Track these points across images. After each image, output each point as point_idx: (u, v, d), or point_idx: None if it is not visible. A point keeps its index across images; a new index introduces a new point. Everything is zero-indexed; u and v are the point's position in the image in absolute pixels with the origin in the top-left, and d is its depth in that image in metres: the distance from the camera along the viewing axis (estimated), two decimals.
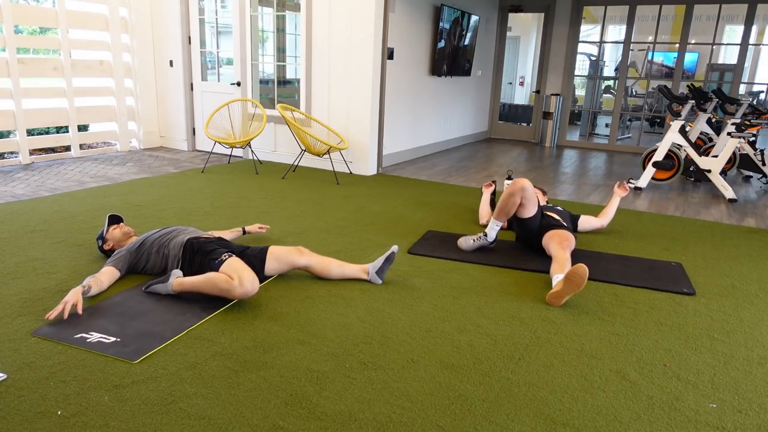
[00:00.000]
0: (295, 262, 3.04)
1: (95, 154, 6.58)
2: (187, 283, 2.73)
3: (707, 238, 4.17)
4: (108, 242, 3.21)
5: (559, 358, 2.37)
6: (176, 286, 2.75)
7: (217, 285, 2.64)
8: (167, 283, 2.78)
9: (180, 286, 2.75)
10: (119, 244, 3.19)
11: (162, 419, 1.87)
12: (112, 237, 3.20)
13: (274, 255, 3.03)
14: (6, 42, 5.51)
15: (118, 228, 3.22)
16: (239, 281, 2.61)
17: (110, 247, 3.21)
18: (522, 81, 12.62)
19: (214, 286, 2.65)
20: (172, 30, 6.80)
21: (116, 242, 3.20)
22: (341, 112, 6.03)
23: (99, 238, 3.26)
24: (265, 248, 3.06)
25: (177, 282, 2.75)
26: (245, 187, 5.24)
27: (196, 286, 2.71)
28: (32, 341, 2.33)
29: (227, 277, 2.64)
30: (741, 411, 2.05)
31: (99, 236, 3.27)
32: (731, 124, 5.72)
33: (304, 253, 3.07)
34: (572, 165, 7.22)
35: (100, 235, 3.26)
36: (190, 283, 2.72)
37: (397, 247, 3.11)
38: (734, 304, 3.00)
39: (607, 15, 8.56)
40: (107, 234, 3.22)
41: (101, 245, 3.25)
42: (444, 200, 5.04)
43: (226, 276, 2.65)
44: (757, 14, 7.77)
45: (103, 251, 3.26)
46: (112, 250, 3.21)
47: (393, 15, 6.15)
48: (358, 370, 2.21)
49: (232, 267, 2.70)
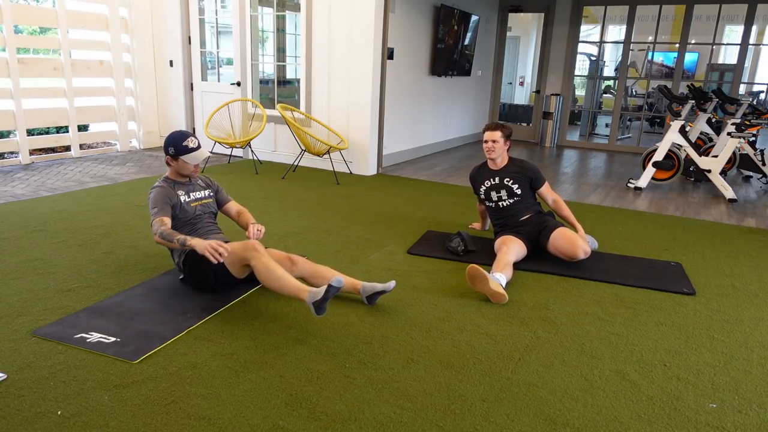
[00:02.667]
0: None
1: (95, 154, 6.57)
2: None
3: (707, 238, 4.17)
4: (172, 167, 2.98)
5: (559, 358, 2.37)
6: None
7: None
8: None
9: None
10: (176, 176, 3.00)
11: (162, 419, 1.87)
12: (180, 167, 2.95)
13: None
14: (6, 42, 5.51)
15: (196, 168, 2.98)
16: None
17: (169, 164, 2.98)
18: (522, 81, 12.62)
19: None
20: (172, 30, 6.80)
21: (176, 171, 2.99)
22: (341, 112, 6.03)
23: (170, 146, 2.92)
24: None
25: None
26: (245, 187, 5.23)
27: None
28: (32, 341, 2.33)
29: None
30: (741, 411, 2.05)
31: (173, 142, 2.91)
32: (731, 124, 5.72)
33: (298, 264, 2.85)
34: (572, 165, 7.22)
35: (179, 144, 2.90)
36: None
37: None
38: (734, 304, 3.00)
39: (607, 15, 8.56)
40: (183, 157, 2.91)
41: (173, 153, 2.92)
42: (444, 200, 5.04)
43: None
44: (757, 14, 7.76)
45: (167, 162, 2.99)
46: (168, 176, 3.01)
47: (393, 15, 6.15)
48: (357, 370, 2.21)
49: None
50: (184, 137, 2.95)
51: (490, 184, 3.59)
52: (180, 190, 2.99)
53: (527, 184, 3.57)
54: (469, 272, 2.91)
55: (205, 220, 3.06)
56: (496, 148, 3.52)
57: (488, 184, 3.60)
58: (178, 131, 2.98)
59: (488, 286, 2.86)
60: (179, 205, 2.96)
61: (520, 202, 3.56)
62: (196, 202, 3.04)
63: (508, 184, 3.55)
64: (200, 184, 3.14)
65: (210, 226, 3.08)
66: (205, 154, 3.00)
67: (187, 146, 2.93)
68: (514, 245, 3.29)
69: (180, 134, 2.95)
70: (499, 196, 3.57)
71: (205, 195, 3.11)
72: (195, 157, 2.95)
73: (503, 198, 3.57)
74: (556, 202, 3.66)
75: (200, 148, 3.00)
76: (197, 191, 3.08)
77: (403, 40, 6.51)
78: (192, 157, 2.95)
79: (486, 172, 3.64)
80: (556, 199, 3.67)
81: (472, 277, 2.91)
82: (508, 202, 3.56)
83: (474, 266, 2.90)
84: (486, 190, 3.62)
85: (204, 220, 3.05)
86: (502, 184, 3.56)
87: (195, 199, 3.04)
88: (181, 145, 2.92)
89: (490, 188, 3.60)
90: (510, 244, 3.30)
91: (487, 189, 3.61)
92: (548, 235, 3.39)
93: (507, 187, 3.55)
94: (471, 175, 3.77)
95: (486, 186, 3.61)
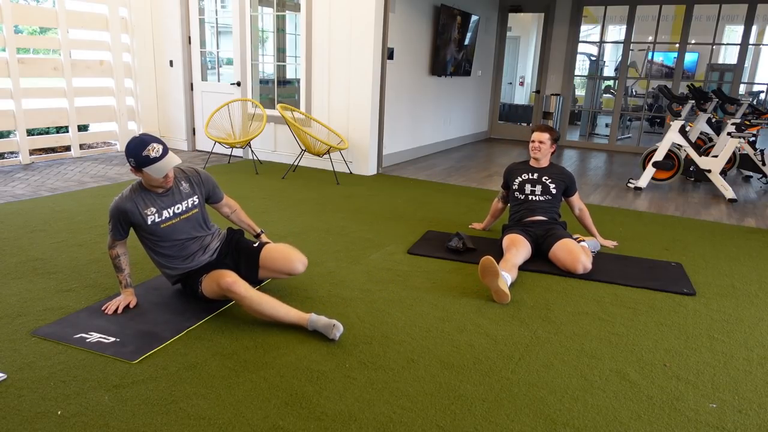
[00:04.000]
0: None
1: (95, 154, 6.57)
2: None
3: (707, 238, 4.17)
4: (140, 174, 2.48)
5: (559, 358, 2.37)
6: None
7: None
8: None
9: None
10: (150, 186, 2.55)
11: (162, 419, 1.87)
12: (147, 179, 2.49)
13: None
14: (6, 42, 5.51)
15: (166, 179, 2.52)
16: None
17: (138, 174, 2.50)
18: (522, 81, 12.62)
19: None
20: (172, 30, 6.80)
21: (148, 183, 2.53)
22: (341, 112, 6.03)
23: (130, 156, 2.43)
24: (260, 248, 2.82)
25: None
26: (245, 187, 5.23)
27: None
28: (32, 341, 2.33)
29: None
30: (741, 411, 2.05)
31: (132, 152, 2.42)
32: (731, 124, 5.72)
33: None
34: (572, 165, 7.22)
35: (138, 154, 2.41)
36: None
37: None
38: (734, 304, 3.00)
39: (607, 15, 8.56)
40: (146, 169, 2.43)
41: (135, 165, 2.45)
42: (444, 200, 5.03)
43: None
44: (757, 14, 7.76)
45: (132, 170, 2.50)
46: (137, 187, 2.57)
47: (393, 15, 6.15)
48: (358, 370, 2.21)
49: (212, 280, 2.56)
50: (144, 145, 2.41)
51: (527, 177, 3.69)
52: (151, 207, 2.54)
53: (562, 187, 3.68)
54: (483, 263, 2.90)
55: (192, 236, 2.67)
56: (542, 148, 3.67)
57: (525, 177, 3.70)
58: (137, 138, 2.44)
59: (496, 282, 2.86)
60: (144, 225, 2.53)
61: (548, 203, 3.63)
62: (174, 219, 2.60)
63: (546, 182, 3.65)
64: (183, 192, 2.65)
65: (197, 243, 2.69)
66: (173, 162, 2.47)
67: (148, 156, 2.41)
68: (522, 249, 3.30)
69: (139, 142, 2.43)
70: (533, 189, 3.66)
71: (188, 206, 2.65)
72: (160, 169, 2.43)
73: (536, 192, 3.65)
74: (582, 211, 3.81)
75: (166, 155, 2.45)
76: (176, 204, 2.61)
77: (403, 40, 6.51)
78: (156, 169, 2.42)
79: (526, 168, 3.75)
80: (582, 208, 3.81)
81: (485, 268, 2.90)
82: (538, 198, 3.64)
83: (490, 258, 2.89)
84: (522, 181, 3.70)
85: (189, 238, 2.66)
86: (540, 180, 3.66)
87: (172, 216, 2.59)
88: (142, 156, 2.41)
89: (526, 181, 3.69)
90: (519, 246, 3.31)
91: (523, 181, 3.70)
92: (552, 243, 3.40)
93: (544, 185, 3.65)
94: (509, 168, 3.85)
95: (523, 178, 3.70)
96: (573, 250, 3.30)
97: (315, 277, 3.13)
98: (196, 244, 2.70)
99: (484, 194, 5.32)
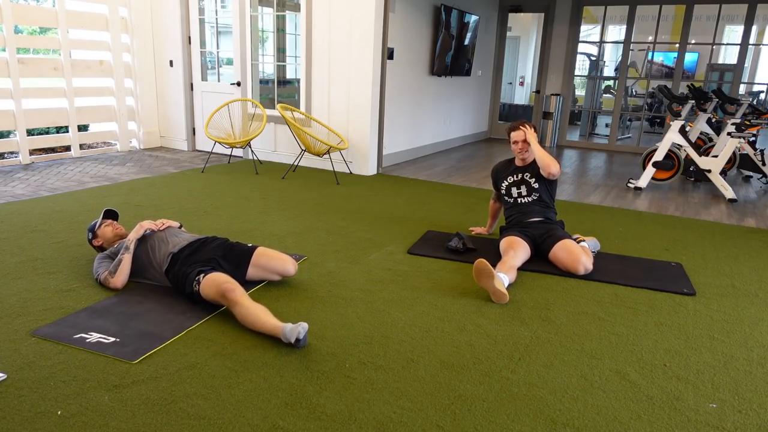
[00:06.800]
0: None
1: (95, 154, 6.57)
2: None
3: (707, 238, 4.17)
4: (98, 238, 3.12)
5: (559, 358, 2.37)
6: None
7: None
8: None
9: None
10: (109, 243, 3.09)
11: (162, 419, 1.87)
12: (103, 234, 3.11)
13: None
14: (6, 42, 5.51)
15: (110, 226, 3.12)
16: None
17: (99, 243, 3.12)
18: (522, 81, 12.62)
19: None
20: (172, 30, 6.80)
21: (106, 241, 3.10)
22: (341, 112, 6.03)
23: (90, 231, 3.14)
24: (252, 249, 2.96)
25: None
26: (245, 187, 5.23)
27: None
28: (32, 341, 2.33)
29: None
30: (741, 411, 2.05)
31: (90, 228, 3.15)
32: (731, 124, 5.72)
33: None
34: (572, 165, 7.22)
35: (92, 227, 3.14)
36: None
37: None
38: (734, 304, 3.00)
39: (607, 15, 8.56)
40: (98, 229, 3.12)
41: (90, 238, 3.14)
42: (444, 200, 5.03)
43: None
44: (757, 14, 7.76)
45: (93, 246, 3.17)
46: (101, 248, 3.13)
47: (393, 15, 6.15)
48: (358, 370, 2.21)
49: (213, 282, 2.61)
50: (92, 226, 3.15)
51: (512, 180, 3.68)
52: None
53: (538, 173, 3.59)
54: (477, 266, 2.91)
55: (178, 237, 2.95)
56: (526, 147, 3.61)
57: (510, 180, 3.68)
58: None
59: (492, 283, 2.86)
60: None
61: (537, 203, 3.60)
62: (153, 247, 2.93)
63: (527, 179, 3.62)
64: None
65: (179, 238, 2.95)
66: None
67: (95, 223, 3.14)
68: (521, 251, 3.30)
69: (91, 227, 3.16)
70: (519, 191, 3.64)
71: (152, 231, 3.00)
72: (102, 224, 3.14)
73: (523, 194, 3.63)
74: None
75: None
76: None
77: (403, 40, 6.51)
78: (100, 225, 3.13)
79: (511, 169, 3.72)
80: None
81: (479, 271, 2.90)
82: (526, 200, 3.62)
83: (483, 261, 2.90)
84: (507, 186, 3.69)
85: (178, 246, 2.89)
86: (523, 180, 3.64)
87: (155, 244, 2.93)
88: (94, 225, 3.14)
89: (511, 184, 3.68)
90: (517, 248, 3.30)
91: (509, 185, 3.68)
92: (552, 244, 3.39)
93: (526, 183, 3.62)
94: (495, 168, 3.83)
95: (508, 181, 3.69)
96: (573, 251, 3.30)
97: (315, 277, 3.13)
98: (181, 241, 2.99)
99: (484, 194, 5.32)
